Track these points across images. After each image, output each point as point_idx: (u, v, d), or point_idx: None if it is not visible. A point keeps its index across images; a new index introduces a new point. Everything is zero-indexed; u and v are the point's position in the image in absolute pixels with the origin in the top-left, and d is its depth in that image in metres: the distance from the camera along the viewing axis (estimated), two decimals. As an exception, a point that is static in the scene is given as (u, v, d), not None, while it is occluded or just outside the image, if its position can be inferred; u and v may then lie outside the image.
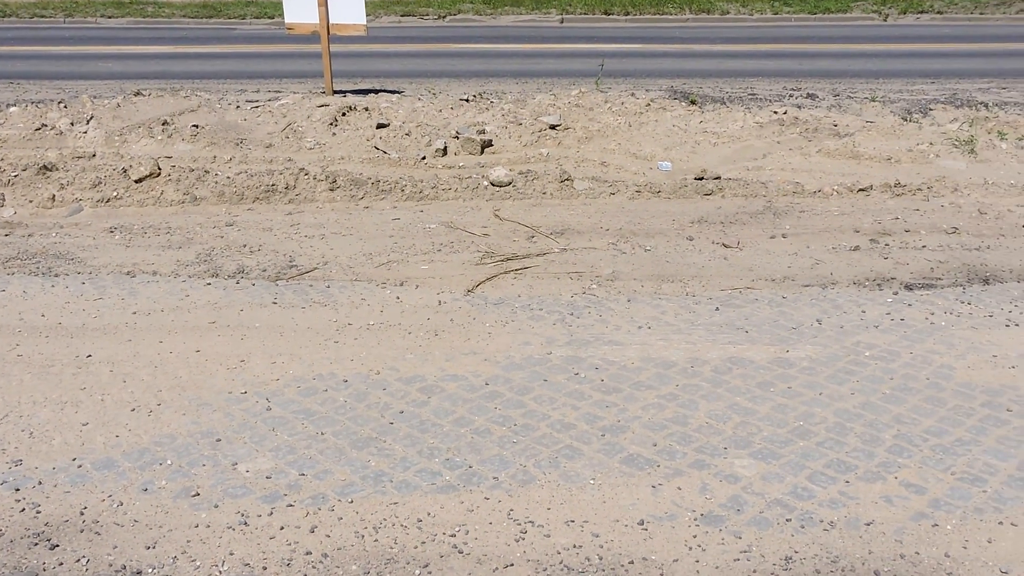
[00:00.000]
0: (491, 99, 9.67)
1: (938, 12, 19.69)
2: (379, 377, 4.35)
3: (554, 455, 3.74)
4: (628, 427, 3.94)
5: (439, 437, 3.85)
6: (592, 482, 3.57)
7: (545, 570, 3.09)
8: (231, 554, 3.15)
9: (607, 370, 4.42)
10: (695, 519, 3.36)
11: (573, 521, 3.34)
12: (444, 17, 19.60)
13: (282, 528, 3.28)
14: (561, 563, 3.12)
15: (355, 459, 3.69)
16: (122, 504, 3.43)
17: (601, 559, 3.15)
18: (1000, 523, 3.33)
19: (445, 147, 8.02)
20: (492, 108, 9.09)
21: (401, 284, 5.47)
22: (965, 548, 3.21)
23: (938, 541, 3.24)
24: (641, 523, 3.33)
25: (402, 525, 3.30)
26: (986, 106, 9.46)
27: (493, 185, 7.18)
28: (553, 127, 8.54)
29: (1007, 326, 4.89)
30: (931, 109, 9.39)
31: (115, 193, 7.03)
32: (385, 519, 3.33)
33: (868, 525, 3.33)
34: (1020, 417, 4.01)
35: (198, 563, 3.11)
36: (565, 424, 3.96)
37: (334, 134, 8.29)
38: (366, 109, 8.77)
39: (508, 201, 7.03)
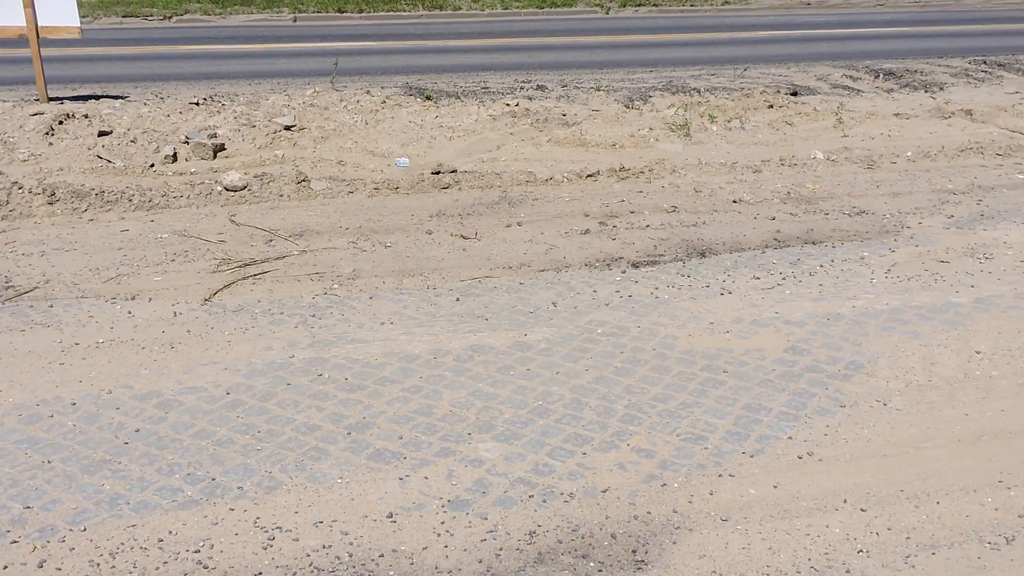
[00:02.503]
0: (223, 101, 9.39)
1: (654, 5, 20.93)
2: (111, 396, 4.15)
3: (300, 458, 3.71)
4: (374, 423, 3.96)
5: (179, 452, 3.73)
6: (340, 481, 3.57)
7: (295, 574, 3.06)
8: (-51, 602, 2.92)
9: (351, 368, 4.42)
10: (442, 506, 3.43)
11: (322, 522, 3.33)
12: (170, 18, 18.81)
13: (5, 567, 3.06)
14: (311, 565, 3.11)
15: (87, 485, 3.51)
16: None
17: (351, 556, 3.16)
18: (720, 476, 3.62)
19: (175, 153, 7.73)
20: (224, 111, 8.83)
21: (133, 298, 5.23)
22: (690, 502, 3.46)
23: (667, 499, 3.48)
24: (390, 516, 3.37)
25: (141, 547, 3.17)
26: (698, 91, 10.16)
27: (227, 190, 6.99)
28: (288, 128, 8.41)
29: (722, 295, 5.30)
30: (650, 96, 9.97)
31: None
32: (123, 543, 3.19)
33: (604, 492, 3.52)
34: (735, 377, 4.36)
35: (-89, 617, 2.86)
36: (310, 426, 3.93)
37: (51, 144, 7.79)
38: (86, 116, 8.30)
39: (244, 206, 6.86)
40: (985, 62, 12.36)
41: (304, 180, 7.17)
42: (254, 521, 3.32)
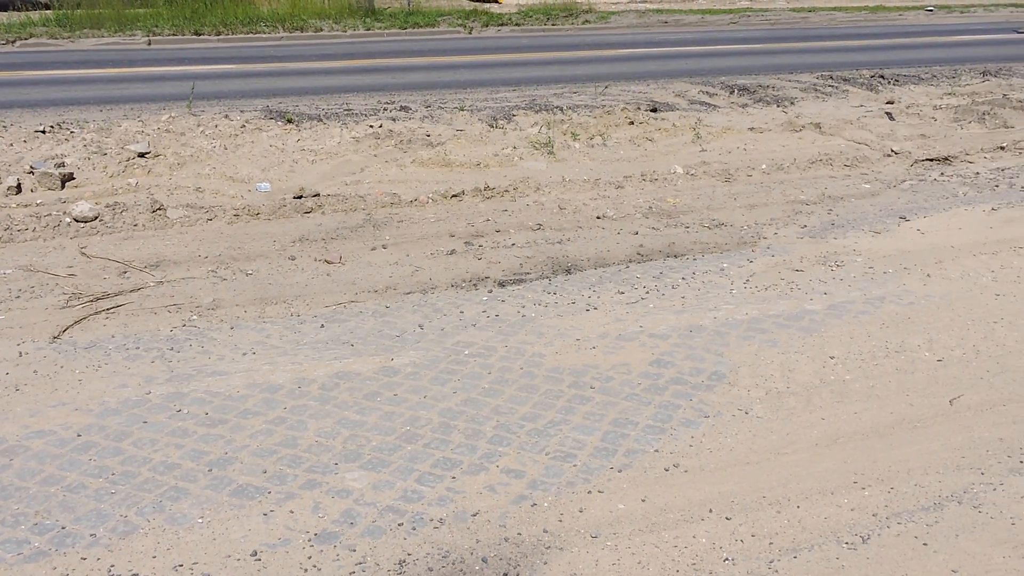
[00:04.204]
0: (71, 129, 9.01)
1: (516, 25, 21.14)
2: (-50, 446, 3.90)
3: (158, 499, 3.55)
4: (236, 458, 3.83)
5: (25, 501, 3.52)
6: (200, 521, 3.43)
7: (152, 623, 2.92)
8: None
9: (211, 402, 4.27)
10: (309, 540, 3.34)
11: (182, 565, 3.19)
12: (14, 42, 17.99)
13: None
14: (170, 612, 2.97)
15: (-78, 542, 3.28)
16: None
17: (213, 600, 3.04)
18: (589, 492, 3.63)
19: (19, 184, 7.37)
20: (73, 138, 8.48)
21: (-26, 339, 4.94)
22: (560, 521, 3.45)
23: (537, 519, 3.47)
24: (254, 554, 3.26)
25: (-17, 606, 2.98)
26: (561, 110, 10.27)
27: (77, 221, 6.70)
28: (142, 155, 8.13)
29: (587, 310, 5.34)
30: (514, 115, 10.03)
31: None
32: (-38, 603, 2.99)
33: (474, 516, 3.48)
34: (602, 393, 4.40)
35: None
36: (169, 465, 3.78)
37: None
38: (-80, 148, 7.84)
39: (96, 237, 6.59)
40: (832, 77, 12.91)
41: (160, 208, 6.94)
42: (108, 570, 3.16)
